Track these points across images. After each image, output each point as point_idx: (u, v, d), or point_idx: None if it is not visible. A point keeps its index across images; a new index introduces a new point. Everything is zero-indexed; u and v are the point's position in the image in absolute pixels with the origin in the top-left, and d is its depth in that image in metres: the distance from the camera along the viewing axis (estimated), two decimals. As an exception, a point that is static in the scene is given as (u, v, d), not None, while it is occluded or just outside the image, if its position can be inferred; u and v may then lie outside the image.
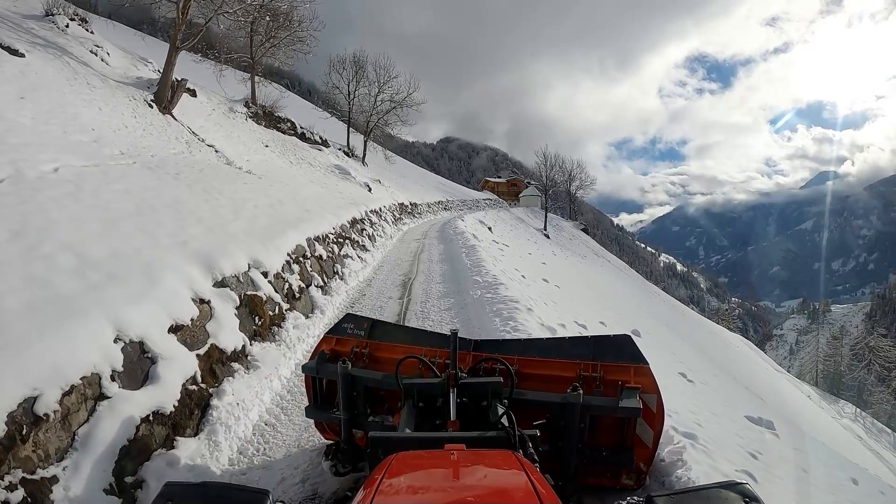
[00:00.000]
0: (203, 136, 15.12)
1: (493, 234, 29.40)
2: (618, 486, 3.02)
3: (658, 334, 17.51)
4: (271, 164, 17.50)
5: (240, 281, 5.07)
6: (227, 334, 4.47)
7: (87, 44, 16.23)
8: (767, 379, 26.08)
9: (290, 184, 13.34)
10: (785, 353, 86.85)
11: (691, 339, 22.59)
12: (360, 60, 31.51)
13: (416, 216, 28.76)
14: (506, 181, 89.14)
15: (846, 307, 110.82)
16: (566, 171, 59.94)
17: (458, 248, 13.51)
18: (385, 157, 34.18)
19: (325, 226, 8.96)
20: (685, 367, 10.89)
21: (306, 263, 7.10)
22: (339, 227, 10.00)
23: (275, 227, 6.98)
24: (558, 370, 3.05)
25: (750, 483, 1.38)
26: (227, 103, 21.59)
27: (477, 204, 54.38)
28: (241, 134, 19.14)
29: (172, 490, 1.43)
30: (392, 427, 2.95)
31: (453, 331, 2.85)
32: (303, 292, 6.47)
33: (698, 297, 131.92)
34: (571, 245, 54.23)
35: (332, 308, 7.04)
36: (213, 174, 9.86)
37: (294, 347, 5.43)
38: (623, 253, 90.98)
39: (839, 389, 47.44)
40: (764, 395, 16.27)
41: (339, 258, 8.87)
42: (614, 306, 20.51)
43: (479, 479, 1.64)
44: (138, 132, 11.94)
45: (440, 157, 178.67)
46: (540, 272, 19.08)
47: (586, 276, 29.92)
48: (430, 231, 21.24)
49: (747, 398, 12.51)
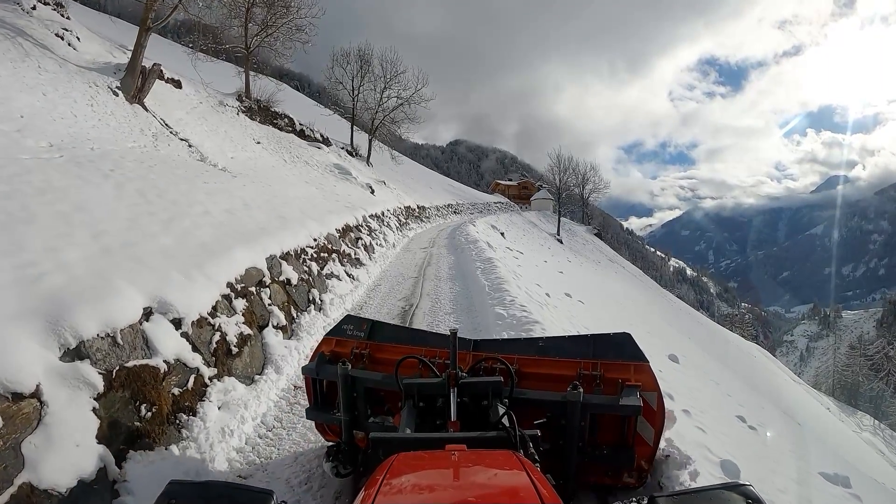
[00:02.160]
0: (178, 130, 13.19)
1: (506, 239, 27.70)
2: (619, 484, 2.95)
3: (694, 357, 16.15)
4: (260, 162, 15.53)
5: (117, 344, 3.02)
6: (62, 456, 2.43)
7: (53, 27, 14.35)
8: (797, 397, 24.74)
9: (274, 184, 11.33)
10: (795, 360, 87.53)
11: (724, 359, 20.88)
12: (365, 54, 29.47)
13: (423, 220, 26.72)
14: (517, 184, 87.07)
15: (857, 313, 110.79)
16: (579, 174, 57.87)
17: (471, 261, 11.40)
18: (391, 156, 32.08)
19: (303, 237, 6.89)
20: (735, 403, 9.68)
21: (262, 294, 5.02)
22: (325, 238, 7.95)
23: (218, 244, 4.93)
24: (558, 369, 3.02)
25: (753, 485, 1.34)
26: (217, 96, 19.70)
27: (488, 207, 52.28)
28: (229, 129, 17.20)
29: (175, 489, 1.38)
30: (392, 428, 2.93)
31: (452, 330, 2.75)
32: (247, 342, 4.36)
33: (708, 302, 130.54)
34: (585, 250, 52.45)
35: (296, 359, 4.93)
36: (167, 172, 7.88)
37: (214, 449, 3.35)
38: (633, 257, 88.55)
39: (856, 401, 47.34)
40: (800, 418, 15.77)
41: (319, 280, 6.80)
42: (640, 321, 19.11)
43: (481, 480, 1.63)
44: (89, 122, 10.01)
45: (450, 159, 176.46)
46: (561, 285, 17.43)
47: (606, 287, 28.07)
48: (439, 238, 19.17)
49: (805, 439, 11.09)
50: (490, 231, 26.01)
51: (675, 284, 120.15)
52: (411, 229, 21.49)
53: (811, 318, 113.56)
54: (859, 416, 36.71)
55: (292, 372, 4.72)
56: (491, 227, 28.73)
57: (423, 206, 28.66)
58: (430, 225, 26.96)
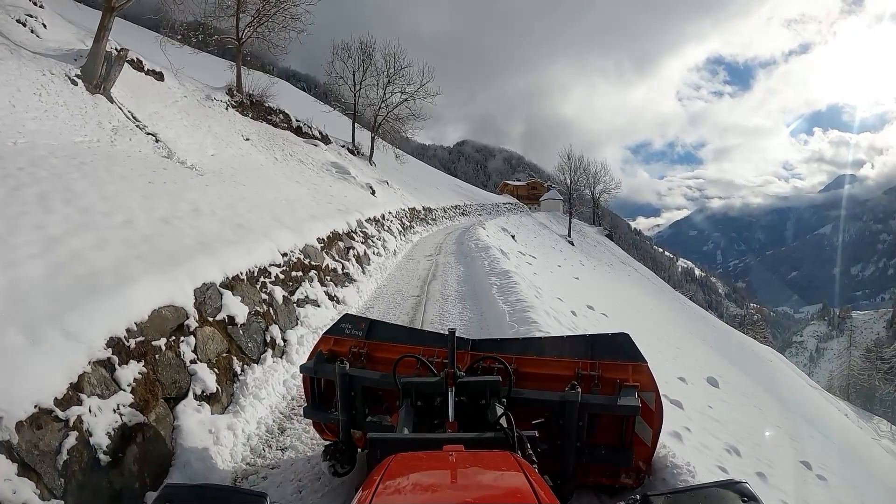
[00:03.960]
0: (149, 124, 11.61)
1: (517, 242, 26.14)
2: (617, 484, 2.94)
3: (730, 377, 13.98)
4: (246, 159, 13.95)
5: None
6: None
7: (15, 12, 12.85)
8: (819, 405, 23.66)
9: (252, 184, 9.73)
10: (805, 361, 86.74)
11: (748, 369, 19.22)
12: (367, 47, 27.74)
13: (429, 223, 25.05)
14: (525, 184, 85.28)
15: (867, 313, 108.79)
16: (590, 174, 56.00)
17: (484, 274, 9.67)
18: (395, 155, 30.37)
19: (263, 253, 5.23)
20: (787, 437, 8.74)
21: (182, 347, 3.37)
22: (301, 251, 6.30)
23: (115, 273, 3.29)
24: (556, 369, 2.99)
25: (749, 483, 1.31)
26: (205, 90, 18.17)
27: (497, 208, 50.56)
28: (214, 125, 15.64)
29: (171, 492, 1.38)
30: (390, 427, 2.90)
31: (451, 330, 2.76)
32: (136, 436, 2.67)
33: (717, 303, 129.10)
34: (597, 253, 50.81)
35: (228, 450, 3.24)
36: (102, 171, 6.27)
37: None
38: (642, 258, 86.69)
39: (871, 405, 46.54)
40: (828, 430, 15.12)
41: (284, 310, 5.14)
42: (664, 334, 17.55)
43: (478, 481, 1.62)
44: (30, 113, 8.47)
45: (457, 160, 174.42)
46: (580, 294, 16.03)
47: (623, 294, 26.58)
48: (446, 243, 17.49)
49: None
50: (501, 234, 24.36)
51: (684, 285, 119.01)
52: (416, 233, 19.85)
53: (820, 319, 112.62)
54: (876, 422, 36.07)
55: (221, 476, 3.05)
56: (501, 230, 27.07)
57: (429, 208, 27.00)
58: (437, 228, 25.28)
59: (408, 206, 21.43)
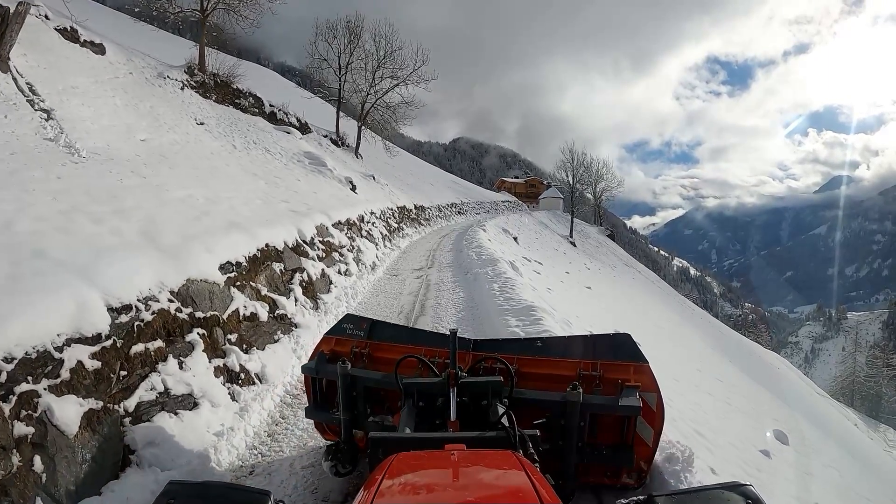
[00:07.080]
0: (56, 99, 8.82)
1: (520, 245, 23.56)
2: (618, 485, 2.89)
3: (752, 393, 12.51)
4: (190, 147, 11.14)
5: None
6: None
7: None
8: (833, 418, 21.42)
9: (163, 177, 6.96)
10: (800, 361, 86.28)
11: (771, 386, 16.77)
12: (354, 27, 24.72)
13: (422, 223, 22.25)
14: (524, 182, 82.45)
15: (863, 314, 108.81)
16: (592, 172, 53.19)
17: (495, 311, 6.82)
18: (385, 147, 27.44)
19: (48, 320, 2.49)
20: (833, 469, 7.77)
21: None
22: (176, 294, 3.53)
23: None
24: (558, 369, 2.95)
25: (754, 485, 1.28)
26: (157, 67, 15.31)
27: (495, 206, 47.74)
28: (159, 105, 12.80)
29: (174, 489, 1.38)
30: (392, 427, 2.82)
31: (452, 330, 2.72)
32: None
33: (712, 302, 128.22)
34: (599, 254, 48.28)
35: None
36: None
37: None
38: (638, 256, 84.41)
39: (878, 412, 45.27)
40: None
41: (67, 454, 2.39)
42: (684, 345, 16.31)
43: (480, 480, 1.59)
44: None
45: (452, 156, 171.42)
46: (597, 308, 14.28)
47: (637, 303, 24.03)
48: (441, 249, 14.70)
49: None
50: (503, 237, 21.66)
51: (680, 284, 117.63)
52: (405, 236, 17.06)
53: (815, 319, 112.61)
54: (882, 430, 34.96)
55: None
56: (503, 231, 24.34)
57: (421, 206, 24.16)
58: (431, 229, 22.46)
59: (397, 205, 18.63)
